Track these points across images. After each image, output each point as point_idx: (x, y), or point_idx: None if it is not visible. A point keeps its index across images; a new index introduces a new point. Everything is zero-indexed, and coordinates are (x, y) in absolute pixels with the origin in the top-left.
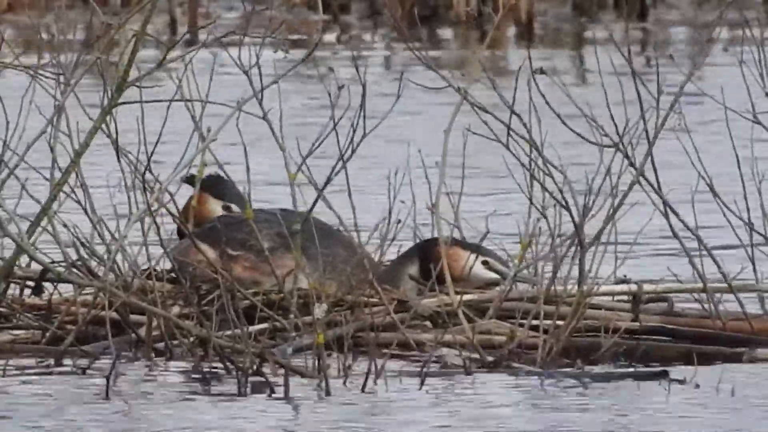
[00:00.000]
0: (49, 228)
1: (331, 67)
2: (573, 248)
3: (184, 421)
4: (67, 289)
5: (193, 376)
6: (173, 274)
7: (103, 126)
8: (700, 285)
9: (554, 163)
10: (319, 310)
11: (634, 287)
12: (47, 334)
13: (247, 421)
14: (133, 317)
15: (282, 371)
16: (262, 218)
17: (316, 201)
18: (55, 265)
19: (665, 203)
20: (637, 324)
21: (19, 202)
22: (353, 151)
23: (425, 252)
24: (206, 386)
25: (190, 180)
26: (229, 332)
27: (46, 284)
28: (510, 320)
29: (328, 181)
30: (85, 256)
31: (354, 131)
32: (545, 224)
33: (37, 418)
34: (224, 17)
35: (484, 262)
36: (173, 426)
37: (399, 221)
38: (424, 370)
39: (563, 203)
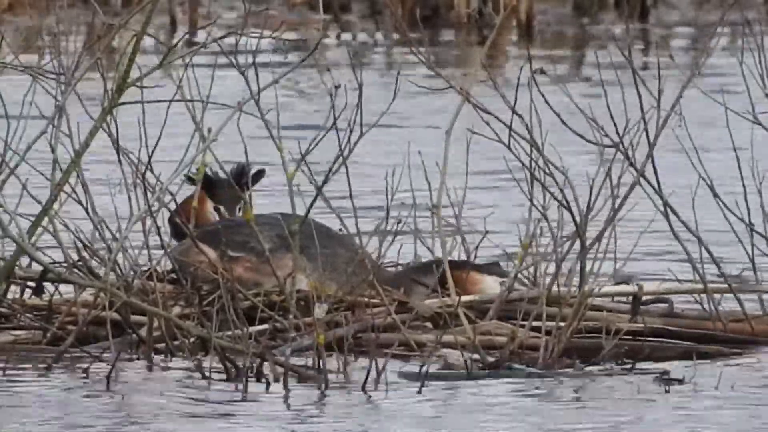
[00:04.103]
0: (50, 228)
1: (329, 68)
2: (574, 249)
3: (184, 422)
4: (67, 290)
5: (194, 376)
6: (174, 275)
7: (104, 126)
8: (700, 286)
9: (555, 163)
10: (320, 311)
11: (634, 288)
12: (48, 335)
13: (246, 422)
14: (134, 318)
15: (282, 371)
16: (262, 221)
17: (314, 200)
18: (56, 265)
19: (665, 204)
20: (639, 325)
21: (20, 202)
22: (350, 151)
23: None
24: (206, 386)
25: (190, 179)
26: (229, 333)
27: (47, 285)
28: (511, 321)
29: (327, 179)
30: (86, 257)
31: (351, 131)
32: (546, 225)
33: (38, 419)
34: (224, 17)
35: (501, 284)
36: (173, 426)
37: (399, 221)
38: (425, 370)
39: (564, 203)
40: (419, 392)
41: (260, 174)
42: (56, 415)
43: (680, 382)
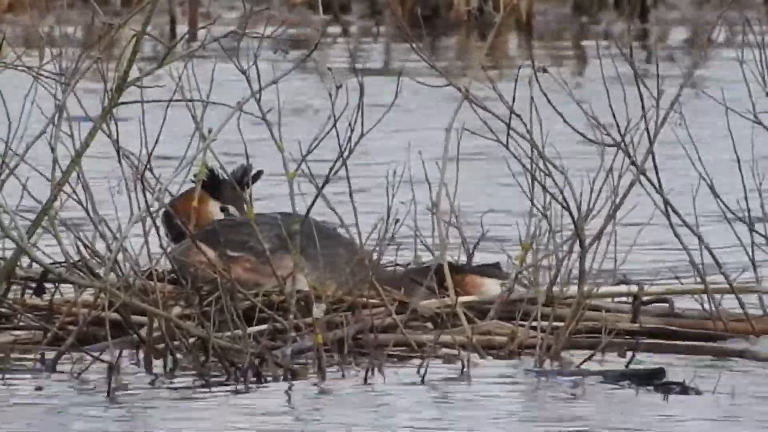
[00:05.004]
0: (50, 228)
1: (329, 67)
2: (574, 248)
3: (183, 422)
4: (68, 290)
5: (193, 376)
6: (174, 275)
7: (104, 126)
8: (701, 286)
9: (555, 162)
10: (318, 310)
11: (634, 288)
12: (48, 335)
13: (246, 422)
14: (134, 318)
15: (281, 372)
16: (262, 221)
17: (315, 199)
18: (56, 265)
19: (666, 203)
20: (638, 325)
21: (20, 202)
22: (351, 151)
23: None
24: (206, 387)
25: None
26: (229, 333)
27: (47, 285)
28: (510, 321)
29: (327, 179)
30: (86, 257)
31: (352, 130)
32: (546, 224)
33: (38, 419)
34: (224, 17)
35: (502, 286)
36: (173, 426)
37: (398, 221)
38: (424, 370)
39: (564, 203)
40: (418, 391)
41: (258, 175)
42: (56, 416)
43: (680, 385)
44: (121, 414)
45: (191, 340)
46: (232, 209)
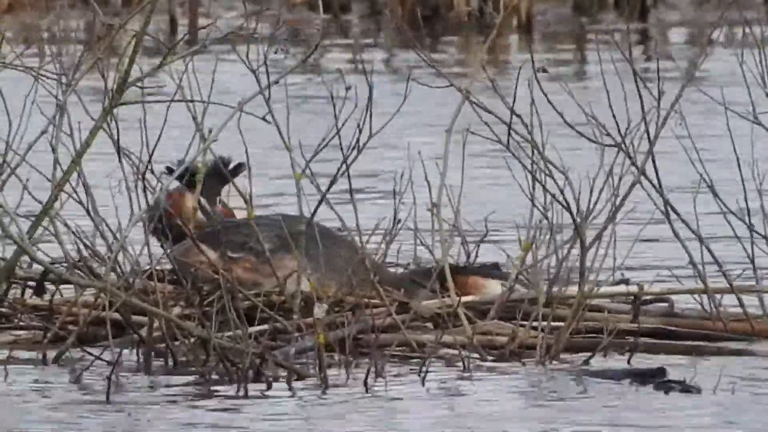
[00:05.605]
0: (51, 228)
1: (339, 69)
2: (574, 248)
3: (184, 422)
4: (68, 290)
5: (194, 376)
6: (174, 275)
7: (105, 126)
8: (701, 286)
9: (555, 163)
10: (319, 310)
11: (634, 288)
12: (48, 335)
13: (247, 422)
14: (135, 318)
15: (282, 372)
16: (262, 222)
17: (319, 203)
18: (56, 265)
19: (666, 203)
20: (638, 325)
21: (21, 202)
22: (359, 152)
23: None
24: (207, 387)
25: (170, 170)
26: (229, 333)
27: (48, 285)
28: (511, 321)
29: (332, 183)
30: (87, 257)
31: (360, 131)
32: (546, 225)
33: (38, 419)
34: (224, 17)
35: (502, 285)
36: (173, 426)
37: (399, 221)
38: (425, 370)
39: (564, 204)
40: (419, 391)
41: (239, 167)
42: (57, 415)
43: (681, 383)
44: (120, 414)
45: (192, 340)
46: (203, 201)
